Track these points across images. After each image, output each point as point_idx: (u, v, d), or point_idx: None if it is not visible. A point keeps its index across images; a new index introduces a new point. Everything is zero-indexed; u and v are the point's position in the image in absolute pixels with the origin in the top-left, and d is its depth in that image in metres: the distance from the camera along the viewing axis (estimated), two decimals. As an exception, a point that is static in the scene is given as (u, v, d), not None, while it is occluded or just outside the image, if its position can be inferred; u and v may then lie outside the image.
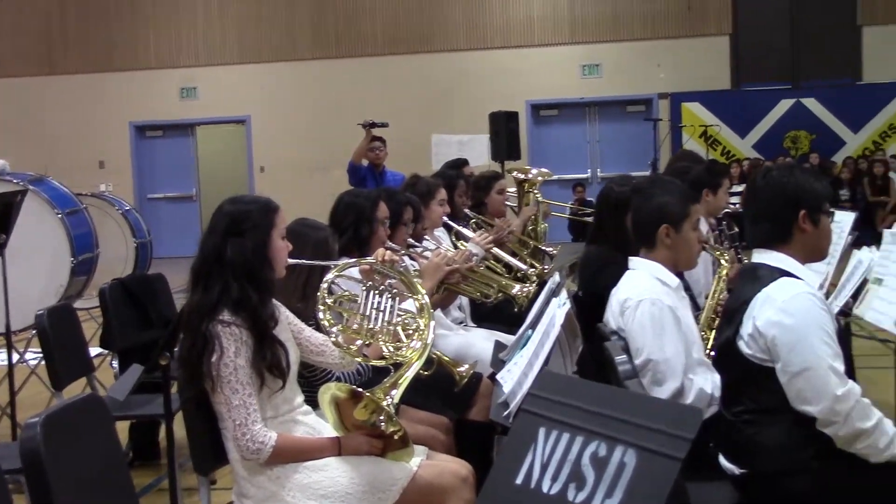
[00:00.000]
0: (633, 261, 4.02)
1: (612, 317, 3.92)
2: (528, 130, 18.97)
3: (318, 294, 3.56)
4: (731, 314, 3.28)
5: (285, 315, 3.61)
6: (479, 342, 5.46)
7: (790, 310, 3.10)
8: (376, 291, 3.59)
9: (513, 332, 5.71)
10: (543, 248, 7.28)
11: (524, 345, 3.78)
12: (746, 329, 3.18)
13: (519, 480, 2.15)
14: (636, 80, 19.27)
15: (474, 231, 6.39)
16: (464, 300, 5.82)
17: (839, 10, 18.96)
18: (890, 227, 4.68)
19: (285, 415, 3.48)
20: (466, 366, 4.11)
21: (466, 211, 6.82)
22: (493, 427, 4.92)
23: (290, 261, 3.59)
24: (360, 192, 5.03)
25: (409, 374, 3.48)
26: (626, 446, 1.96)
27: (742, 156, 18.71)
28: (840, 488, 3.11)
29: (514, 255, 6.44)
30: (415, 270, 4.70)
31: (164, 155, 20.64)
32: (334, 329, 3.52)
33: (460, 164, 8.27)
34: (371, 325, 3.55)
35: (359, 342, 3.54)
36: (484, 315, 6.03)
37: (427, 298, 3.68)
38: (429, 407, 4.42)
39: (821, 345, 3.08)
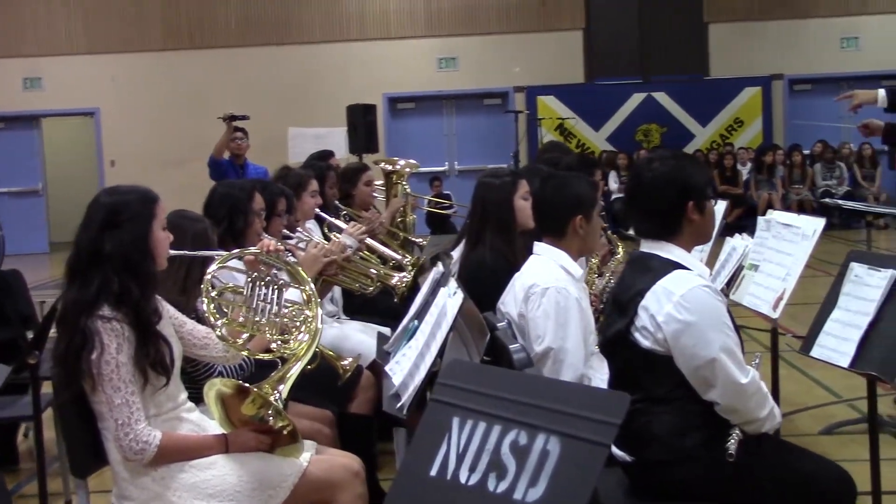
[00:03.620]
0: (539, 246, 4.01)
1: (514, 301, 3.90)
2: (386, 123, 18.89)
3: (202, 286, 3.44)
4: (622, 305, 3.28)
5: (166, 309, 3.48)
6: (355, 335, 5.41)
7: (688, 304, 3.12)
8: (262, 282, 3.49)
9: (387, 325, 5.67)
10: (413, 239, 7.26)
11: (411, 336, 3.75)
12: (641, 321, 3.19)
13: (434, 472, 2.10)
14: (492, 74, 19.42)
15: (346, 223, 6.32)
16: (336, 293, 5.75)
17: (686, 8, 19.49)
18: (736, 219, 4.82)
19: (169, 412, 3.35)
20: (350, 359, 4.05)
21: (336, 203, 6.74)
22: (373, 420, 4.89)
23: (172, 252, 3.46)
24: (235, 184, 4.91)
25: (297, 368, 3.40)
26: (548, 434, 1.92)
27: (597, 149, 19.05)
28: (727, 477, 3.17)
29: (385, 246, 6.39)
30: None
31: (6, 148, 19.73)
32: (219, 322, 3.41)
33: (326, 155, 8.17)
34: (257, 318, 3.46)
35: (244, 335, 3.44)
36: (356, 307, 5.97)
37: (314, 288, 3.60)
38: (311, 401, 4.34)
39: (722, 336, 3.12)
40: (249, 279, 3.50)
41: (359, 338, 5.35)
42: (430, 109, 19.87)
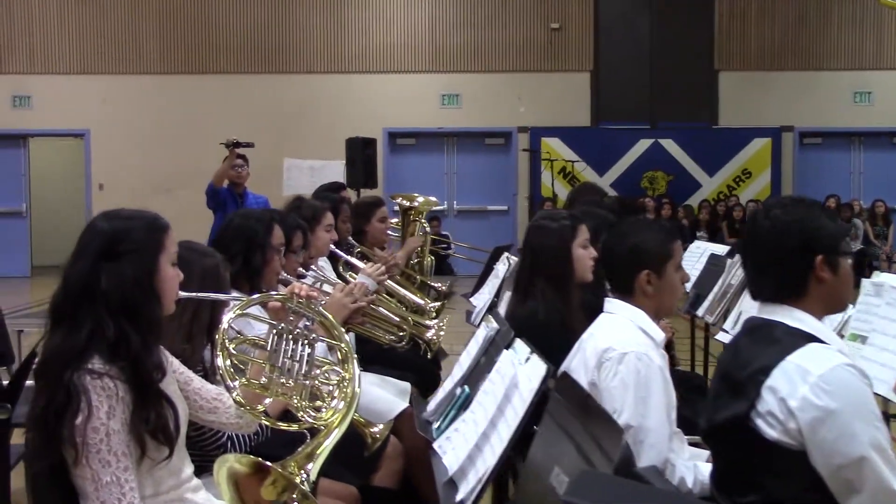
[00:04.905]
0: (612, 303, 3.40)
1: (583, 367, 3.27)
2: (385, 158, 18.29)
3: (217, 336, 2.80)
4: (738, 383, 2.65)
5: (171, 363, 2.84)
6: (371, 389, 4.75)
7: (830, 387, 2.49)
8: (289, 335, 2.85)
9: (405, 378, 5.04)
10: (431, 283, 6.63)
11: (460, 405, 3.12)
12: (766, 405, 2.57)
13: None
14: (496, 113, 18.87)
15: (361, 262, 5.69)
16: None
17: (698, 54, 19.04)
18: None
19: (170, 492, 2.71)
20: (381, 426, 3.42)
21: (350, 239, 6.11)
22: (400, 495, 4.24)
23: (182, 294, 2.83)
24: (252, 213, 4.28)
25: (330, 443, 2.76)
26: None
27: (600, 194, 18.47)
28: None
29: (405, 289, 5.77)
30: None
31: (-9, 166, 19.06)
32: (236, 383, 2.76)
33: (338, 187, 7.54)
34: (283, 380, 2.81)
35: (267, 401, 2.80)
36: (370, 357, 5.33)
37: (350, 344, 2.96)
38: (330, 473, 3.69)
39: (871, 429, 2.49)
40: (275, 331, 2.85)
41: (376, 393, 4.71)
42: (431, 146, 19.29)
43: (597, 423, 2.12)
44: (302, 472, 2.67)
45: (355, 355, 2.93)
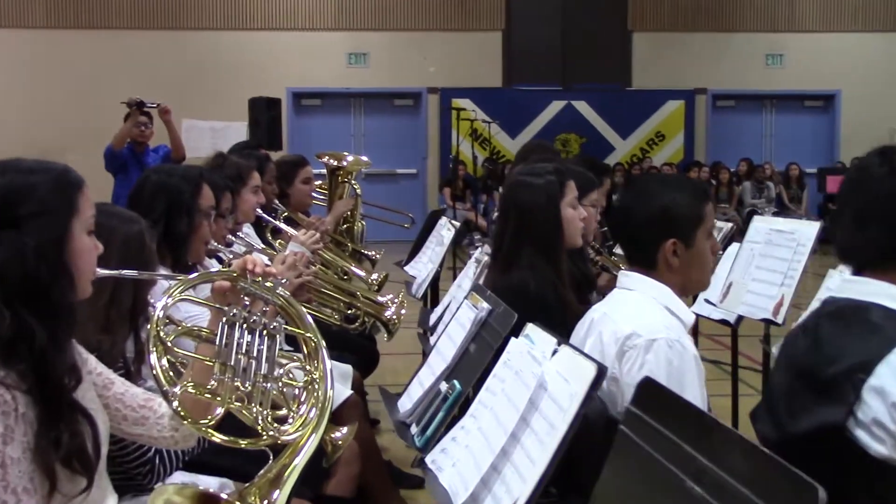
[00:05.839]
0: (630, 278, 2.79)
1: (600, 358, 2.64)
2: (289, 120, 17.47)
3: (150, 327, 2.12)
4: (824, 381, 2.09)
5: (86, 362, 2.17)
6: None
7: None
8: (244, 325, 2.18)
9: (343, 360, 4.41)
10: (363, 251, 5.98)
11: (449, 406, 2.51)
12: (871, 412, 2.01)
13: None
14: (405, 73, 18.17)
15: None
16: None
17: (611, 14, 18.58)
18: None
19: (88, 537, 2.04)
20: (344, 429, 2.77)
21: (277, 203, 5.42)
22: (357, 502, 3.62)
23: (102, 272, 2.15)
24: (174, 170, 3.55)
25: (300, 462, 2.12)
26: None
27: (512, 157, 17.95)
28: None
29: (341, 259, 5.11)
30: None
31: None
32: (176, 388, 2.09)
33: (255, 146, 6.83)
34: (237, 383, 2.14)
35: (218, 410, 2.12)
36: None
37: (319, 336, 2.30)
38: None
39: None
40: (225, 319, 2.17)
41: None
42: (338, 107, 18.50)
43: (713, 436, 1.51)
44: (265, 502, 2.03)
45: (325, 346, 2.28)
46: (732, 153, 18.22)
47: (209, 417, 2.11)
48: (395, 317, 3.87)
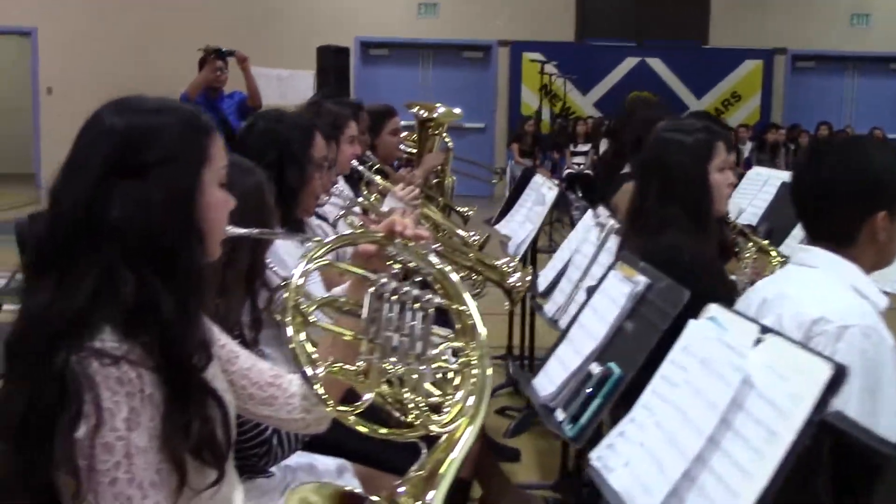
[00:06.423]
0: (813, 253, 2.45)
1: None
2: (356, 70, 17.17)
3: (287, 295, 1.81)
4: None
5: (213, 336, 1.88)
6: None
7: None
8: (393, 297, 1.87)
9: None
10: (455, 207, 5.66)
11: (609, 391, 2.21)
12: None
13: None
14: (475, 25, 17.76)
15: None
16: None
17: (689, -31, 18.03)
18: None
19: (216, 538, 1.77)
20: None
21: (369, 154, 5.10)
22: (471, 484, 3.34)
23: (234, 230, 1.86)
24: (284, 116, 3.22)
25: (458, 457, 1.82)
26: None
27: (583, 114, 17.54)
28: None
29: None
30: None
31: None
32: (319, 370, 1.79)
33: (335, 94, 6.50)
34: (387, 365, 1.83)
35: (367, 396, 1.82)
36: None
37: (477, 313, 1.99)
38: (386, 464, 2.76)
39: None
40: (373, 290, 1.86)
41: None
42: (406, 58, 18.15)
43: None
44: (419, 504, 1.74)
45: (482, 324, 1.97)
46: (811, 117, 17.58)
47: (358, 403, 1.81)
48: (519, 284, 3.55)
